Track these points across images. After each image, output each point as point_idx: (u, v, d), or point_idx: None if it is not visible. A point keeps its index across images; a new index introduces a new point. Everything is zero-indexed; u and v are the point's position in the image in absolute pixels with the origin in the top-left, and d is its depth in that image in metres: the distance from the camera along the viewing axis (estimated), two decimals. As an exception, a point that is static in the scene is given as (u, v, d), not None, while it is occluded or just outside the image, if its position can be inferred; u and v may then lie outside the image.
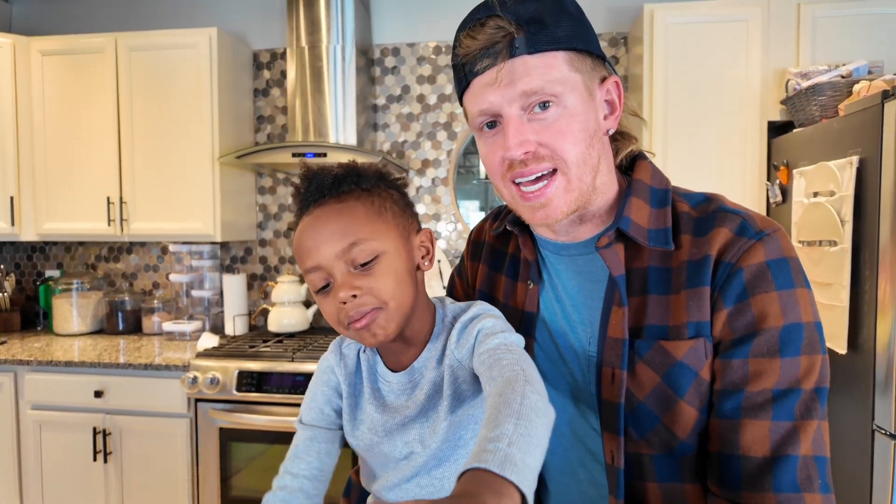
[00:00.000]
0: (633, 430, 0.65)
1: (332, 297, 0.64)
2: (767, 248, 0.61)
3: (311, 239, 0.64)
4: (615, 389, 0.65)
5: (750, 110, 2.10)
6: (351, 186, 0.67)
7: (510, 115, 0.62)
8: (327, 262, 0.63)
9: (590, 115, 0.64)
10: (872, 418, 1.52)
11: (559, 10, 0.62)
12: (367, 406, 0.72)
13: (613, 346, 0.65)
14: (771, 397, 0.58)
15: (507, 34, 0.61)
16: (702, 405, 0.62)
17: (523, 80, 0.61)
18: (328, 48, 2.35)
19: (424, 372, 0.69)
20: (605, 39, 2.48)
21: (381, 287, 0.64)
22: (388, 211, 0.67)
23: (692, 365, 0.62)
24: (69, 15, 2.84)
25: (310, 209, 0.66)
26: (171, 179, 2.41)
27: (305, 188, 0.67)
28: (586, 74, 0.64)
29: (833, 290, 1.68)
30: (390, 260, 0.65)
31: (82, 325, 2.63)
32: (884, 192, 1.49)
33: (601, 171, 0.68)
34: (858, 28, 2.04)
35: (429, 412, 0.68)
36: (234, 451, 2.04)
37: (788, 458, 0.57)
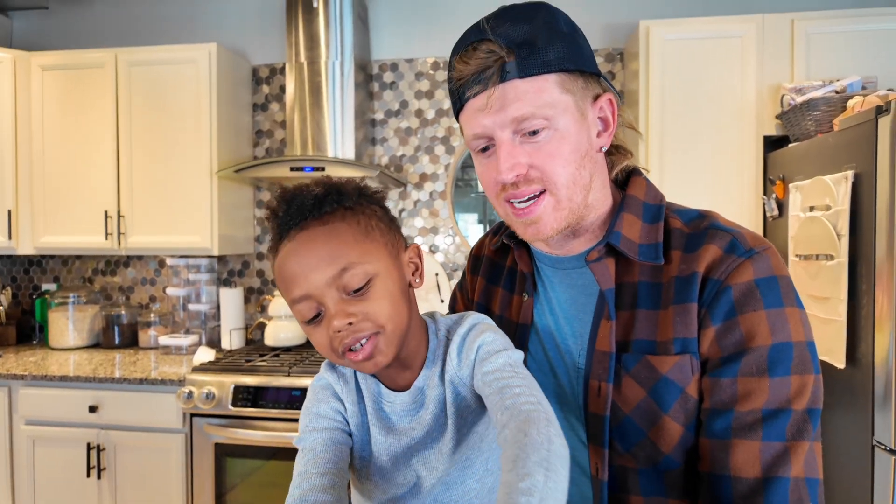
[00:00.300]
0: (619, 443, 0.65)
1: (324, 326, 0.60)
2: (756, 267, 0.61)
3: (297, 266, 0.59)
4: (601, 402, 0.65)
5: (745, 125, 2.11)
6: (333, 206, 0.62)
7: (502, 139, 0.64)
8: (317, 291, 0.59)
9: (582, 135, 0.65)
10: (872, 434, 1.51)
11: (551, 31, 0.63)
12: (373, 429, 0.68)
13: (601, 359, 0.66)
14: (761, 417, 0.58)
15: (498, 58, 0.61)
16: (687, 421, 0.62)
17: (514, 105, 0.62)
18: (327, 63, 2.37)
19: (427, 391, 0.66)
20: (602, 55, 2.51)
21: (377, 311, 0.60)
22: (374, 229, 0.63)
23: (677, 381, 0.62)
24: (70, 30, 2.87)
25: (291, 234, 0.60)
26: (169, 193, 2.41)
27: (284, 211, 0.61)
28: (578, 95, 0.65)
29: (830, 305, 1.68)
30: (383, 281, 0.61)
31: (78, 338, 2.62)
32: (879, 206, 1.50)
33: (594, 188, 0.68)
34: (852, 44, 2.06)
35: (434, 433, 0.66)
36: (230, 467, 2.02)
37: (780, 480, 0.57)
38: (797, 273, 1.86)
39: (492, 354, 0.63)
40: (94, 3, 2.85)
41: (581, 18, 2.63)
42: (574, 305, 0.72)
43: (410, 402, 0.67)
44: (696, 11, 2.41)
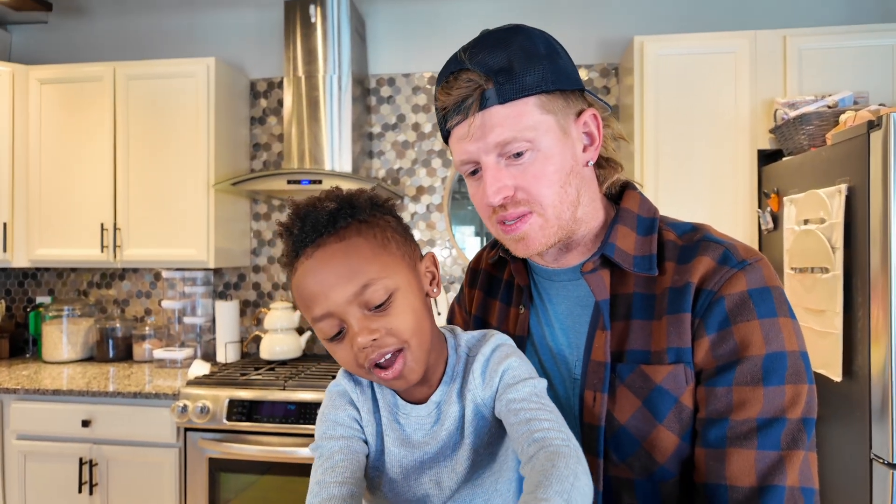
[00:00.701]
0: (614, 453, 0.65)
1: (347, 343, 0.59)
2: (749, 278, 0.62)
3: (317, 285, 0.58)
4: (596, 412, 0.65)
5: (740, 139, 2.13)
6: (347, 220, 0.61)
7: (487, 163, 0.65)
8: (339, 309, 0.58)
9: (566, 152, 0.66)
10: (870, 447, 1.51)
11: (528, 55, 0.64)
12: (388, 442, 0.66)
13: (596, 369, 0.66)
14: (755, 426, 0.58)
15: (477, 87, 0.63)
16: (682, 431, 0.62)
17: (495, 131, 0.63)
18: (325, 78, 2.39)
19: (444, 407, 0.65)
20: (597, 70, 2.53)
21: (401, 326, 0.59)
22: (391, 241, 0.62)
23: (672, 390, 0.62)
24: (68, 44, 2.88)
25: (307, 251, 0.59)
26: (166, 206, 2.41)
27: (299, 228, 0.61)
28: (559, 114, 0.65)
29: (826, 317, 1.68)
30: (404, 295, 0.60)
31: (72, 352, 2.60)
32: (873, 219, 1.51)
33: (582, 203, 0.69)
34: (843, 60, 2.09)
35: (448, 451, 0.65)
36: (224, 482, 1.99)
37: (775, 489, 0.57)
38: (793, 286, 1.87)
39: (518, 381, 0.62)
40: (93, 17, 2.87)
41: (576, 34, 2.67)
42: (570, 317, 0.72)
43: (426, 415, 0.65)
44: (689, 27, 2.44)
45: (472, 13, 2.61)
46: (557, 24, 2.53)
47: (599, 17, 2.53)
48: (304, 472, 1.93)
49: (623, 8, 2.52)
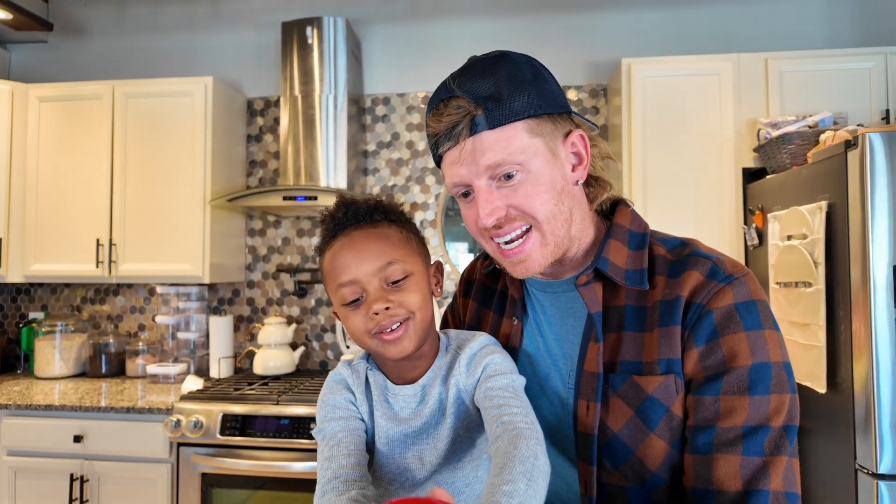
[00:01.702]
0: (608, 461, 0.67)
1: (363, 309, 0.70)
2: (736, 292, 0.65)
3: (349, 256, 0.70)
4: (589, 421, 0.67)
5: (725, 158, 2.19)
6: (381, 216, 0.74)
7: (479, 186, 0.68)
8: (364, 277, 0.69)
9: (555, 172, 0.69)
10: (854, 458, 1.54)
11: (515, 81, 0.66)
12: (377, 416, 0.75)
13: (589, 379, 0.69)
14: (741, 433, 0.61)
15: (466, 113, 0.65)
16: (673, 439, 0.65)
17: (486, 155, 0.65)
18: (321, 97, 2.44)
19: (429, 389, 0.74)
20: (586, 91, 2.60)
21: (411, 301, 0.70)
22: (412, 240, 0.75)
23: (663, 400, 0.65)
24: (67, 63, 2.93)
25: (346, 231, 0.72)
26: (162, 222, 2.43)
27: (343, 213, 0.73)
28: (547, 136, 0.68)
29: (811, 331, 1.72)
30: (417, 280, 0.72)
31: (64, 367, 2.60)
32: (852, 235, 1.56)
33: (574, 221, 0.72)
34: (823, 82, 2.16)
35: (430, 429, 0.72)
36: (216, 498, 1.99)
37: (760, 493, 0.59)
38: (778, 300, 1.91)
39: (498, 374, 0.71)
40: (92, 37, 2.92)
41: (566, 56, 2.74)
42: (564, 328, 0.75)
43: (412, 395, 0.74)
44: (675, 50, 2.52)
45: (465, 36, 2.68)
46: (548, 46, 2.61)
47: (589, 39, 2.61)
48: (297, 486, 1.93)
49: (611, 31, 2.60)
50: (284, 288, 2.74)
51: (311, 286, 2.73)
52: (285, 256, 2.75)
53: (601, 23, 2.61)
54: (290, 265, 2.73)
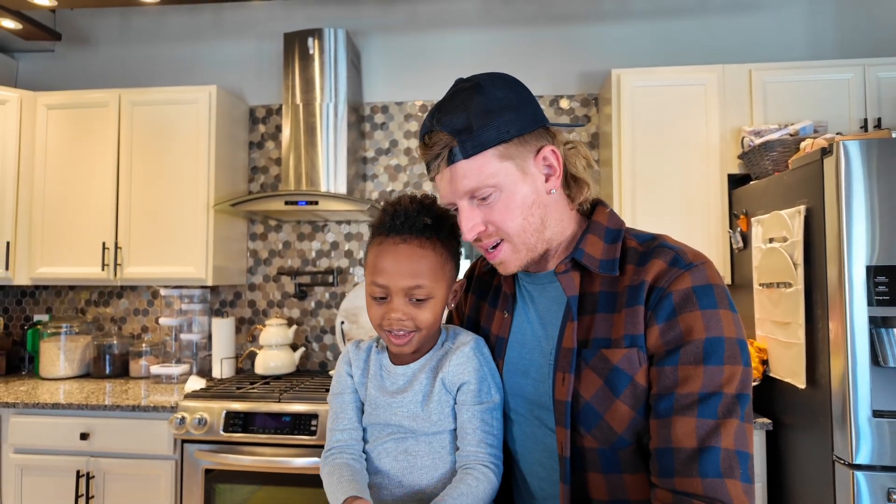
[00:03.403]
0: (581, 426, 0.75)
1: (384, 307, 0.84)
2: (694, 277, 0.74)
3: (390, 265, 0.83)
4: (565, 389, 0.76)
5: (711, 164, 2.28)
6: (433, 234, 0.85)
7: (462, 206, 0.80)
8: (394, 287, 0.83)
9: (526, 189, 0.78)
10: (832, 449, 1.61)
11: (484, 113, 0.76)
12: (370, 386, 0.91)
13: (565, 354, 0.78)
14: (697, 399, 0.69)
15: (445, 146, 0.77)
16: (637, 405, 0.73)
17: (462, 182, 0.77)
18: (321, 105, 2.52)
19: (418, 374, 0.88)
20: (578, 100, 2.69)
21: (424, 318, 0.85)
22: (448, 264, 0.87)
23: (627, 370, 0.73)
24: (73, 72, 3.01)
25: (397, 238, 0.84)
26: (166, 226, 2.50)
27: (401, 221, 0.85)
28: (517, 158, 0.78)
29: (791, 329, 1.80)
30: (436, 302, 0.86)
31: (69, 368, 2.65)
32: (828, 238, 1.64)
33: (548, 226, 0.82)
34: (804, 92, 2.26)
35: (415, 405, 0.87)
36: (219, 493, 2.04)
37: (712, 450, 0.67)
38: (761, 300, 1.99)
39: (472, 403, 0.86)
40: (97, 46, 3.00)
41: (558, 66, 2.84)
42: (548, 314, 0.84)
43: (401, 374, 0.90)
44: (663, 61, 2.61)
45: (460, 47, 2.77)
46: (542, 57, 2.70)
47: (581, 51, 2.70)
48: (299, 482, 1.99)
49: (602, 42, 2.69)
50: (285, 290, 2.81)
51: (311, 289, 2.80)
52: (286, 260, 2.82)
53: (593, 35, 2.70)
54: (290, 268, 2.80)
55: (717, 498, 0.65)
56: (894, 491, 1.52)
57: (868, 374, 1.57)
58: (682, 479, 0.67)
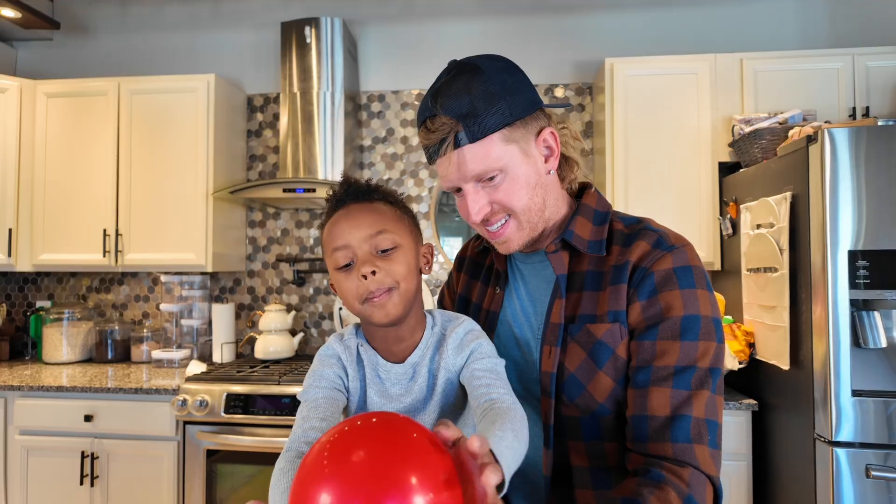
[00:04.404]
0: (565, 395, 0.80)
1: (353, 273, 0.76)
2: (675, 258, 0.78)
3: (344, 223, 0.77)
4: (551, 361, 0.81)
5: (702, 152, 2.32)
6: (379, 196, 0.81)
7: (467, 189, 0.81)
8: (355, 243, 0.75)
9: (529, 170, 0.81)
10: (813, 427, 1.67)
11: (487, 97, 0.76)
12: (371, 393, 0.82)
13: (553, 329, 0.82)
14: (673, 371, 0.74)
15: (450, 130, 0.77)
16: (617, 377, 0.78)
17: (469, 166, 0.78)
18: (319, 94, 2.55)
19: (419, 368, 0.81)
20: (573, 89, 2.72)
21: (396, 270, 0.76)
22: (405, 219, 0.81)
23: (609, 343, 0.78)
24: (72, 61, 3.03)
25: (345, 205, 0.79)
26: (166, 213, 2.54)
27: (344, 191, 0.81)
28: (520, 140, 0.79)
29: (776, 313, 1.85)
30: (405, 252, 0.78)
31: (71, 353, 2.70)
32: (813, 223, 1.69)
33: (548, 206, 0.85)
34: (794, 81, 2.29)
35: (419, 405, 0.81)
36: (221, 473, 2.10)
37: (684, 417, 0.72)
38: (749, 285, 2.04)
39: (484, 357, 0.80)
40: (96, 35, 3.02)
41: (553, 56, 2.87)
42: (538, 291, 0.89)
43: (402, 373, 0.82)
44: (656, 50, 2.65)
45: (456, 36, 2.80)
46: (537, 46, 2.73)
47: (575, 40, 2.73)
48: (297, 461, 2.04)
49: (596, 32, 2.72)
50: (284, 277, 2.85)
51: (309, 276, 2.84)
52: (284, 247, 2.87)
53: (587, 24, 2.73)
54: (289, 255, 2.85)
55: (685, 461, 0.70)
56: (872, 466, 1.58)
57: (849, 356, 1.62)
58: (654, 443, 0.72)
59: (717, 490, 0.72)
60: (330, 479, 0.50)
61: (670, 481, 0.68)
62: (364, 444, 0.52)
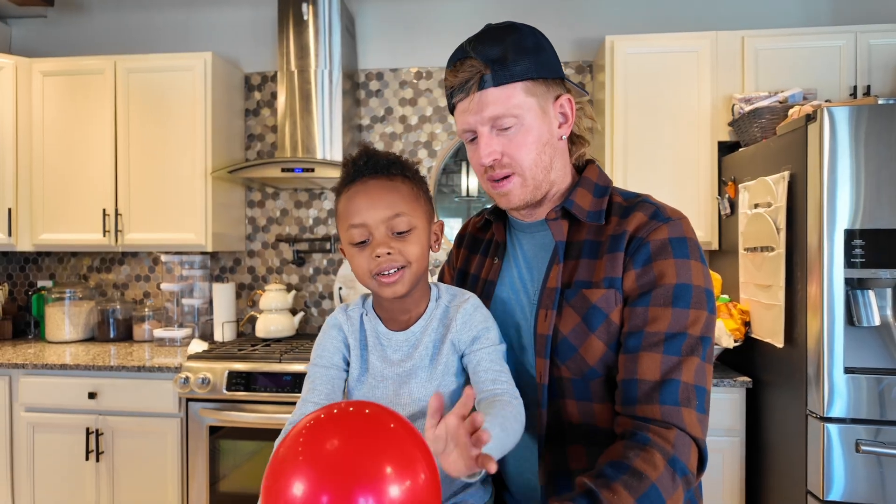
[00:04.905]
0: (558, 357, 0.83)
1: (367, 251, 0.79)
2: (671, 229, 0.81)
3: (363, 201, 0.79)
4: (546, 324, 0.84)
5: (702, 132, 2.31)
6: (398, 171, 0.83)
7: (482, 132, 0.84)
8: (373, 223, 0.79)
9: (543, 127, 0.84)
10: (806, 404, 1.70)
11: (518, 49, 0.82)
12: (372, 358, 0.86)
13: (549, 293, 0.85)
14: (663, 337, 0.76)
15: (477, 72, 0.81)
16: (609, 341, 0.81)
17: (489, 108, 0.81)
18: (316, 72, 2.53)
19: (422, 337, 0.85)
20: (573, 67, 2.70)
21: (410, 251, 0.80)
22: (421, 198, 0.84)
23: (603, 308, 0.81)
24: (67, 38, 2.99)
25: (364, 179, 0.81)
26: (165, 192, 2.54)
27: (364, 161, 0.82)
28: (541, 97, 0.84)
29: (772, 291, 1.87)
30: (419, 234, 0.81)
31: (74, 332, 2.73)
32: (810, 202, 1.69)
33: (555, 168, 0.88)
34: (795, 59, 2.28)
35: (420, 371, 0.84)
36: (223, 449, 2.14)
37: (673, 381, 0.74)
38: (745, 265, 2.06)
39: (491, 345, 0.84)
40: (91, 12, 2.98)
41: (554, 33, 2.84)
42: (536, 258, 0.92)
43: (404, 340, 0.86)
44: (657, 28, 2.62)
45: (456, 13, 2.76)
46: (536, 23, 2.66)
47: (575, 17, 2.70)
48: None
49: (597, 9, 2.69)
50: (283, 257, 2.87)
51: (309, 256, 2.86)
52: (284, 227, 2.87)
53: (588, 1, 2.69)
54: (288, 235, 2.85)
55: (672, 423, 0.73)
56: (862, 441, 1.61)
57: (842, 333, 1.64)
58: (642, 406, 0.75)
59: (703, 452, 0.75)
60: (303, 467, 0.49)
61: (655, 443, 0.71)
62: (338, 434, 0.51)
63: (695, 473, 0.73)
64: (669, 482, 0.69)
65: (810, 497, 1.68)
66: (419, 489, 0.50)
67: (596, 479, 0.68)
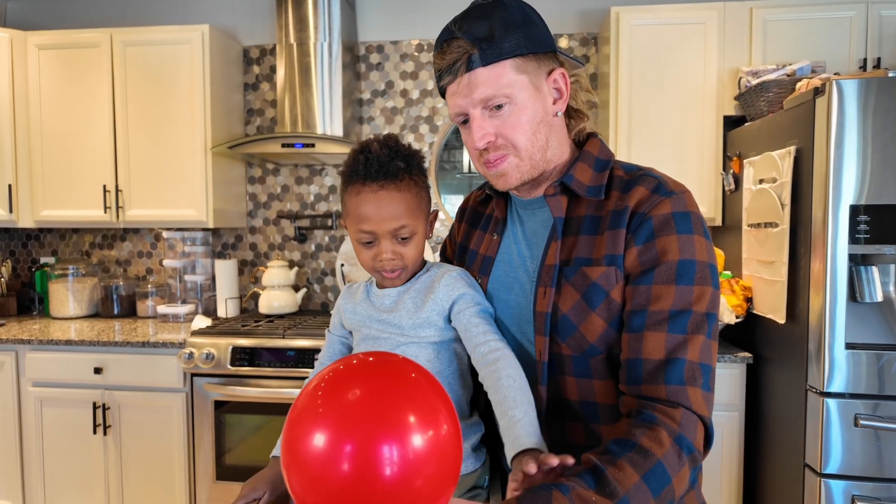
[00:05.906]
0: (557, 335, 0.82)
1: (373, 250, 0.90)
2: (674, 203, 0.79)
3: (372, 210, 0.87)
4: (546, 302, 0.83)
5: (707, 105, 2.28)
6: (406, 175, 0.88)
7: (474, 115, 0.81)
8: (379, 231, 0.88)
9: (537, 105, 0.82)
10: (806, 379, 1.71)
11: (506, 24, 0.79)
12: (361, 308, 0.98)
13: (548, 270, 0.84)
14: (668, 315, 0.75)
15: (464, 52, 0.78)
16: (610, 319, 0.79)
17: (479, 89, 0.79)
18: (316, 45, 2.49)
19: (404, 294, 0.94)
20: (577, 39, 2.65)
21: (410, 255, 0.91)
22: (423, 199, 0.92)
23: (604, 286, 0.79)
24: (61, 10, 2.94)
25: (373, 185, 0.87)
26: (165, 168, 2.52)
27: (376, 160, 0.87)
28: (532, 73, 0.81)
29: (775, 267, 1.86)
30: (418, 238, 0.92)
31: (78, 308, 2.74)
32: (816, 178, 1.68)
33: (551, 146, 0.86)
34: (804, 31, 2.23)
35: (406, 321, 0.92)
36: (228, 423, 2.17)
37: (678, 360, 0.74)
38: (749, 241, 2.05)
39: (475, 304, 0.91)
40: (86, -17, 2.92)
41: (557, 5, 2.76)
42: (535, 235, 0.91)
43: (391, 294, 0.96)
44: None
45: (458, -18, 2.70)
46: (540, -7, 2.63)
47: (580, -13, 2.64)
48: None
49: (603, -21, 2.62)
50: (285, 234, 2.86)
51: (310, 232, 2.85)
52: (285, 203, 2.86)
53: (593, -30, 2.63)
54: (289, 212, 2.84)
55: (678, 402, 0.72)
56: (861, 416, 1.62)
57: (844, 309, 1.64)
58: (648, 385, 0.74)
59: (709, 430, 0.74)
60: (325, 417, 0.48)
61: (662, 422, 0.70)
62: (360, 383, 0.50)
63: (701, 451, 0.73)
64: (675, 460, 0.69)
65: (808, 470, 1.70)
66: (442, 439, 0.50)
67: (601, 456, 0.68)
